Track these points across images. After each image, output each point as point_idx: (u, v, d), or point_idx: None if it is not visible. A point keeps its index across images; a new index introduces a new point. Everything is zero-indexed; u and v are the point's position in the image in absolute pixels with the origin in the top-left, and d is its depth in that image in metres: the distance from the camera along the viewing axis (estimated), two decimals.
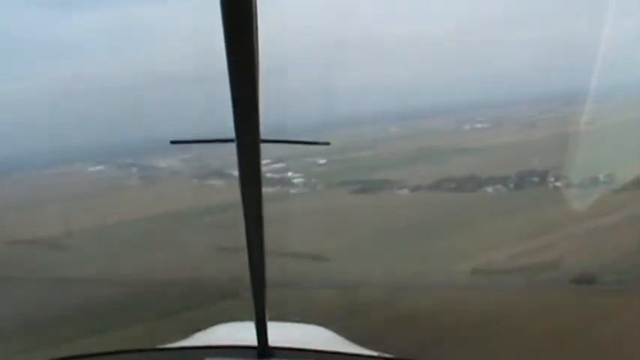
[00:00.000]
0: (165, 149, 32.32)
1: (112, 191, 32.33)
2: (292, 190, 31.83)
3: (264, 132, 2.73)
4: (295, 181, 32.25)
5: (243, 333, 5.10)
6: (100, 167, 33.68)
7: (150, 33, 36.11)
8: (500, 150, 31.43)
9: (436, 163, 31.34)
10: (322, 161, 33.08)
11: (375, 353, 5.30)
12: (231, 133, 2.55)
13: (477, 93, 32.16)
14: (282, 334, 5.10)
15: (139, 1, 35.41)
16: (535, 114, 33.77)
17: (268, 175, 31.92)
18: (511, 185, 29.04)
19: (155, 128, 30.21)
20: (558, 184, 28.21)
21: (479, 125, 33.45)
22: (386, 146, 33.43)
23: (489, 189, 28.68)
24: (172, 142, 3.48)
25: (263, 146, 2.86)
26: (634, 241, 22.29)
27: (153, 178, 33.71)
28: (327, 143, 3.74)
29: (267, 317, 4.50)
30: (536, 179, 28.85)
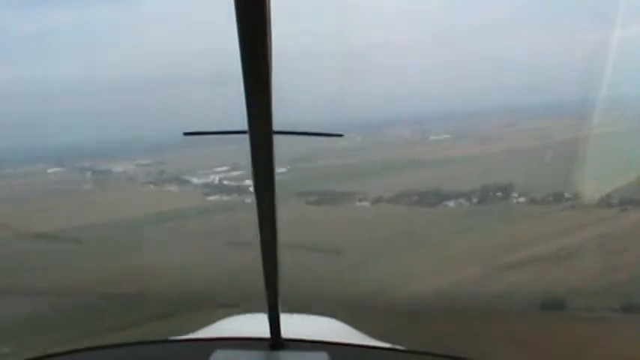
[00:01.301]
0: (123, 153, 32.54)
1: (62, 195, 30.82)
2: (248, 199, 29.32)
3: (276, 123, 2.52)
4: (252, 189, 30.21)
5: (254, 325, 4.90)
6: (57, 169, 32.50)
7: (111, 33, 34.64)
8: (464, 163, 30.15)
9: (399, 175, 29.92)
10: (282, 170, 30.88)
11: (388, 345, 5.07)
12: (241, 124, 2.42)
13: (442, 104, 30.89)
14: (294, 325, 4.79)
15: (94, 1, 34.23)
16: (499, 127, 32.84)
17: (225, 182, 31.33)
18: (474, 200, 27.48)
19: (116, 130, 30.03)
20: (522, 199, 26.64)
21: (442, 137, 32.12)
22: (349, 156, 31.70)
23: (451, 203, 27.22)
24: (185, 134, 3.18)
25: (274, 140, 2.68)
26: (601, 262, 20.77)
27: (107, 182, 32.13)
28: (341, 135, 3.40)
29: (279, 309, 4.27)
30: (499, 194, 27.29)
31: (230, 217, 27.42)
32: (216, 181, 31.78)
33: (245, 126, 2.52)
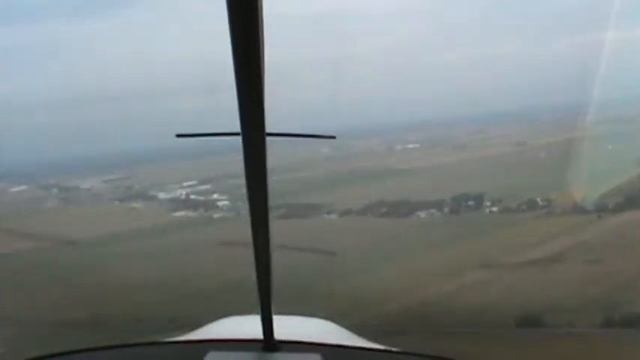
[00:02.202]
0: (91, 168, 31.50)
1: (24, 215, 29.61)
2: (215, 215, 29.38)
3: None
4: (220, 204, 29.89)
5: (247, 326, 4.71)
6: (22, 187, 31.22)
7: (74, 49, 35.10)
8: (434, 172, 29.10)
9: (367, 186, 28.80)
10: None
11: (381, 346, 4.96)
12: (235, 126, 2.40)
13: (408, 113, 30.00)
14: (287, 327, 4.63)
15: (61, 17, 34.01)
16: (467, 134, 31.90)
17: (193, 197, 30.52)
18: (446, 210, 26.44)
19: (85, 145, 29.91)
20: (495, 208, 25.59)
21: (410, 146, 30.96)
22: (317, 167, 30.98)
23: (422, 214, 26.04)
24: (178, 136, 2.98)
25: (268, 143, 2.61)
26: (578, 274, 19.61)
27: (73, 200, 31.16)
28: (333, 137, 3.16)
29: (272, 310, 4.09)
30: (471, 203, 26.28)
31: (193, 236, 26.16)
32: (183, 196, 30.84)
33: (238, 128, 2.43)
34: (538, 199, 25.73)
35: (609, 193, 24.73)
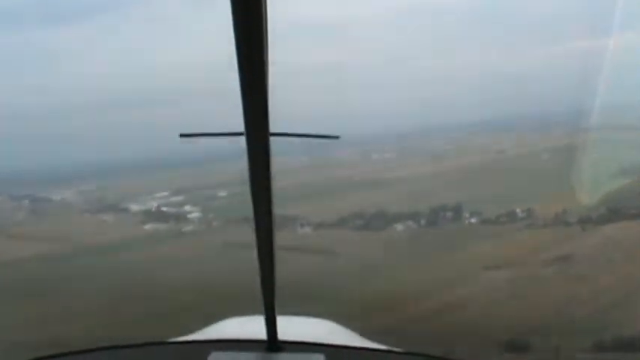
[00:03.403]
0: (63, 180, 30.49)
1: None
2: (185, 228, 28.11)
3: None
4: (191, 216, 28.85)
5: (251, 327, 4.64)
6: None
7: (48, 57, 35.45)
8: (410, 182, 27.78)
9: (343, 197, 27.58)
10: (223, 194, 30.24)
11: (385, 347, 4.79)
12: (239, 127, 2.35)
13: (384, 122, 29.01)
14: (291, 327, 4.52)
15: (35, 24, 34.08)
16: (444, 144, 30.74)
17: (164, 209, 29.54)
18: (423, 222, 25.05)
19: (60, 155, 29.62)
20: (474, 220, 24.32)
21: (387, 156, 29.65)
22: (292, 177, 29.09)
23: (399, 226, 24.62)
24: (181, 136, 2.85)
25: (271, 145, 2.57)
26: (563, 293, 18.12)
27: (43, 211, 29.82)
28: (337, 137, 3.01)
29: (276, 311, 4.06)
30: (449, 215, 24.94)
31: (161, 251, 24.71)
32: (155, 208, 29.69)
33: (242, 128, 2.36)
34: (518, 210, 24.61)
35: (592, 204, 23.49)
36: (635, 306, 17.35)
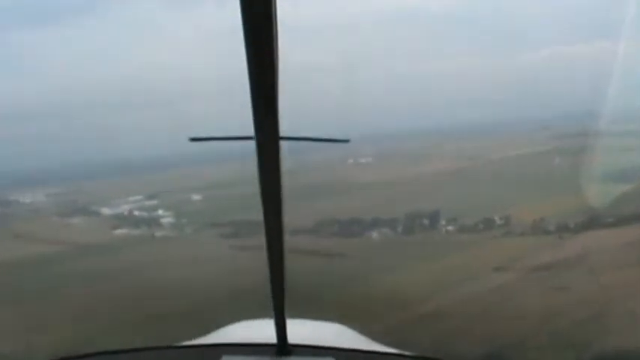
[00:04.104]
0: (35, 183, 29.42)
1: None
2: (158, 233, 27.21)
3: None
4: (164, 220, 27.83)
5: (261, 330, 4.73)
6: None
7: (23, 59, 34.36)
8: (388, 187, 27.11)
9: (317, 202, 26.69)
10: (197, 197, 29.41)
11: (395, 350, 4.83)
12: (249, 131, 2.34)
13: (359, 126, 28.35)
14: (301, 331, 4.63)
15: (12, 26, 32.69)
16: (421, 148, 30.10)
17: (136, 213, 28.52)
18: (399, 229, 24.26)
19: (31, 158, 28.58)
20: (451, 227, 23.64)
21: (363, 160, 28.87)
22: None
23: (375, 233, 23.81)
24: (191, 140, 2.88)
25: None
26: (542, 304, 17.26)
27: (11, 215, 28.95)
28: (347, 141, 3.09)
29: (286, 314, 4.15)
30: (426, 222, 24.17)
31: (129, 257, 23.73)
32: (127, 212, 28.61)
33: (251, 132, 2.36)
34: (496, 218, 23.89)
35: (570, 212, 22.81)
36: (619, 319, 16.59)
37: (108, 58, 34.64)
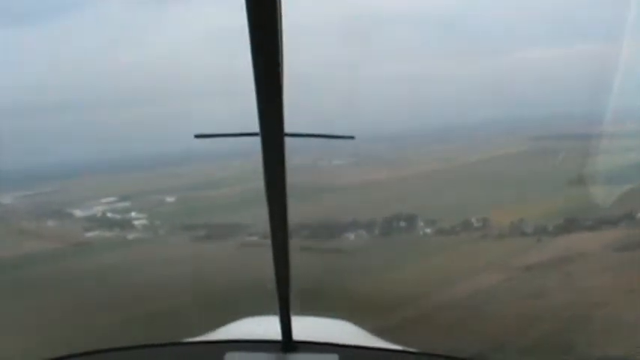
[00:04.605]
0: (7, 185, 28.21)
1: None
2: (130, 235, 26.52)
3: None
4: (137, 223, 27.30)
5: (266, 327, 4.62)
6: None
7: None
8: (362, 190, 26.47)
9: (295, 203, 25.24)
10: (171, 199, 28.87)
11: (399, 347, 4.76)
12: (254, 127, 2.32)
13: (333, 128, 27.70)
14: (306, 328, 4.54)
15: None
16: (397, 150, 29.72)
17: (109, 215, 27.99)
18: (376, 232, 23.66)
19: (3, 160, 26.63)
20: (428, 230, 23.08)
21: (337, 162, 28.18)
22: (242, 183, 27.83)
23: (351, 236, 23.24)
24: (196, 136, 2.86)
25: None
26: (522, 309, 16.62)
27: None
28: (352, 137, 3.01)
29: (291, 311, 4.08)
30: (403, 224, 23.59)
31: (100, 262, 22.94)
32: (100, 214, 27.94)
33: (256, 128, 2.33)
34: (473, 220, 23.38)
35: (548, 214, 22.35)
36: (601, 324, 16.05)
37: (84, 57, 34.11)
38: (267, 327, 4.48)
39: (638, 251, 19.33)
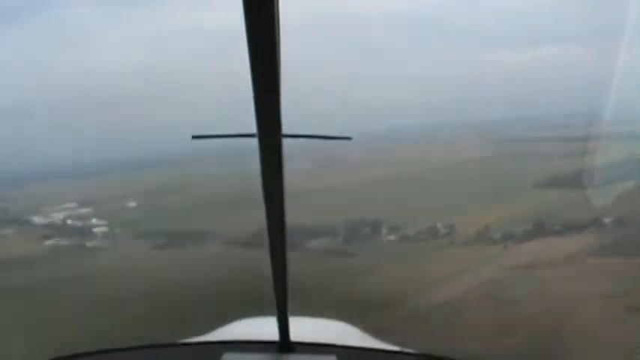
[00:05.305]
0: None
1: None
2: (89, 243, 25.48)
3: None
4: (97, 230, 26.23)
5: (263, 328, 4.46)
6: None
7: None
8: (328, 194, 25.47)
9: (254, 211, 24.22)
10: (132, 204, 28.11)
11: (396, 348, 4.64)
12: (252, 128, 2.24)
13: (296, 130, 26.76)
14: (303, 329, 4.39)
15: None
16: (359, 154, 28.09)
17: (69, 221, 27.04)
18: (339, 238, 22.72)
19: None
20: (393, 237, 22.23)
21: (301, 166, 27.17)
22: (205, 188, 27.64)
23: (315, 242, 22.40)
24: (194, 137, 2.80)
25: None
26: (491, 321, 15.56)
27: None
28: (349, 138, 2.97)
29: (288, 312, 3.91)
30: (367, 230, 22.74)
31: (54, 272, 21.65)
32: (60, 221, 26.94)
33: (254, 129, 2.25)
34: (439, 226, 22.53)
35: (515, 219, 21.50)
36: (577, 333, 15.09)
37: (39, 63, 34.05)
38: (265, 328, 4.36)
39: (609, 257, 18.55)
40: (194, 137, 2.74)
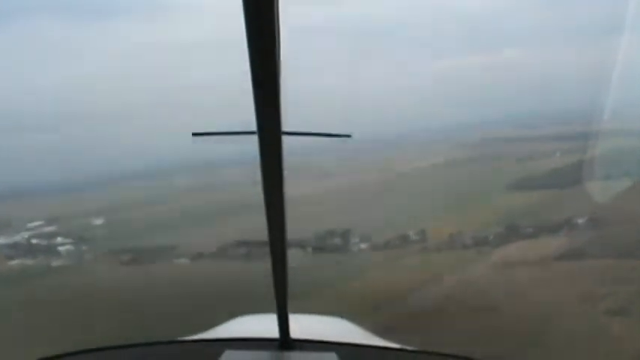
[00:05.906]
0: None
1: None
2: (55, 262, 24.59)
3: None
4: (62, 249, 25.31)
5: (263, 325, 4.51)
6: None
7: None
8: (296, 204, 24.08)
9: (223, 223, 24.74)
10: (99, 222, 26.93)
11: (397, 345, 4.65)
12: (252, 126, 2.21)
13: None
14: (303, 326, 4.41)
15: None
16: (325, 162, 27.48)
17: (34, 241, 25.85)
18: (309, 249, 22.00)
19: None
20: (364, 245, 21.81)
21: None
22: (171, 202, 27.19)
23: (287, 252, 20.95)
24: (194, 135, 2.72)
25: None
26: (471, 327, 14.78)
27: None
28: (349, 136, 2.86)
29: (288, 309, 3.93)
30: (337, 240, 22.38)
31: (19, 294, 20.58)
32: (24, 241, 25.74)
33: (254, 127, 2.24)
34: (410, 233, 21.94)
35: (487, 223, 20.89)
36: (563, 342, 14.39)
37: (17, 75, 32.93)
38: (265, 325, 4.34)
39: (582, 260, 17.94)
40: (194, 134, 2.66)
